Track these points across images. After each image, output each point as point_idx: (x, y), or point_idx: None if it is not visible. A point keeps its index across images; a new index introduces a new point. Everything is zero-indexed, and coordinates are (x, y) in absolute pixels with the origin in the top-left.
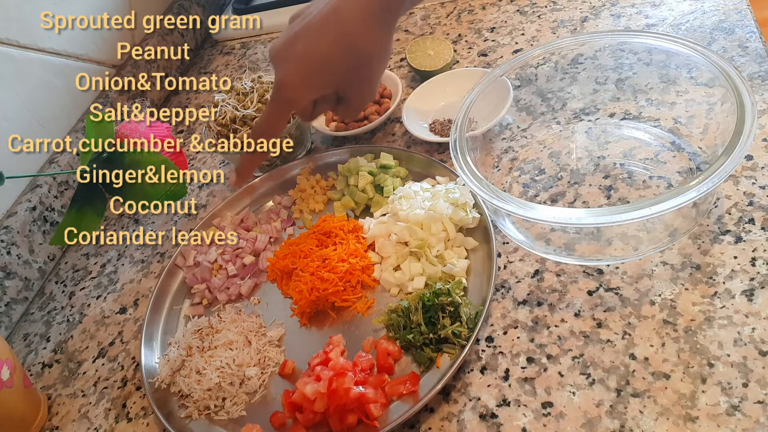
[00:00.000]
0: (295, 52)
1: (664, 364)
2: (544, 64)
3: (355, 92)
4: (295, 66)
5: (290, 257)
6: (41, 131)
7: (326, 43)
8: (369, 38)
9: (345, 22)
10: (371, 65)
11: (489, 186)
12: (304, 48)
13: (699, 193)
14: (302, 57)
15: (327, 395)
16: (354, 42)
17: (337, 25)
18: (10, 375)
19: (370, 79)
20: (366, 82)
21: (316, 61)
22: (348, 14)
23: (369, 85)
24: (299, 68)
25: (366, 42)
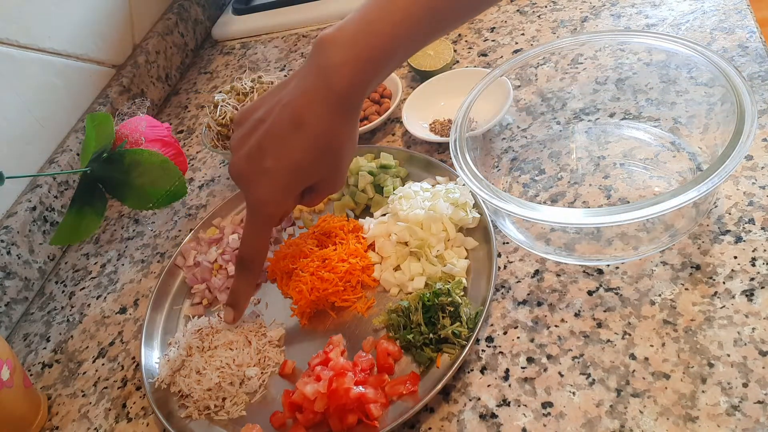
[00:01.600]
0: (265, 169)
1: (664, 364)
2: (544, 64)
3: (328, 185)
4: (268, 182)
5: (290, 257)
6: (41, 131)
7: (297, 150)
8: (338, 133)
9: (311, 125)
10: (343, 158)
11: (489, 186)
12: (275, 161)
13: (699, 193)
14: (274, 171)
15: (327, 395)
16: (325, 142)
17: (304, 128)
18: (10, 375)
19: (340, 170)
20: (338, 173)
21: (290, 170)
22: (312, 114)
23: (341, 176)
24: (274, 183)
25: (336, 138)
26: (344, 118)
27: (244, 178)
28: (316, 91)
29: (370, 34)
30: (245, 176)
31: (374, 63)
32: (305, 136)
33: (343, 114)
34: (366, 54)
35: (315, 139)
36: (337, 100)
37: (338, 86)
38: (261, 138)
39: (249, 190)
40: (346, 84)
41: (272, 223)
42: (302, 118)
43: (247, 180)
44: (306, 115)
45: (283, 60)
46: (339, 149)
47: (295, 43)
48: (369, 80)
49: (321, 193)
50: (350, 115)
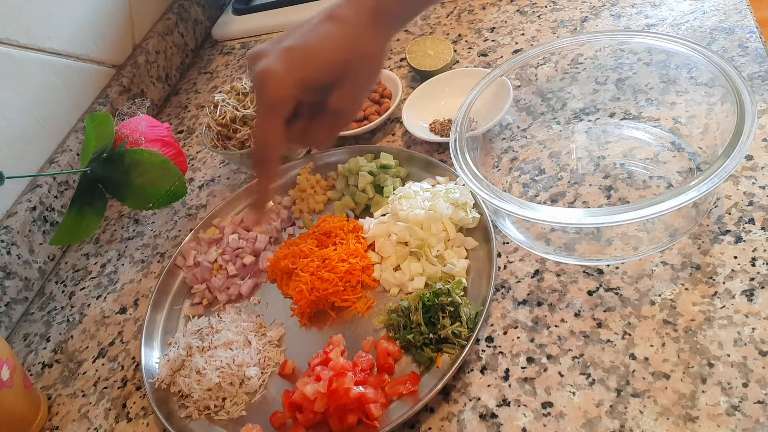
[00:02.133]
0: (279, 48)
1: (664, 364)
2: (544, 64)
3: (342, 95)
4: (279, 56)
5: (290, 257)
6: (41, 131)
7: (322, 35)
8: (367, 38)
9: (343, 20)
10: (365, 67)
11: (489, 186)
12: (295, 40)
13: (699, 193)
14: (290, 47)
15: (327, 395)
16: (353, 39)
17: (335, 21)
18: (10, 375)
19: (359, 79)
20: (355, 81)
21: (307, 50)
22: (347, 13)
23: (357, 87)
24: (282, 58)
25: (364, 41)
26: (377, 28)
27: (257, 55)
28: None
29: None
30: (259, 53)
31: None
32: (335, 27)
33: (376, 23)
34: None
35: (345, 31)
36: (373, 8)
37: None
38: (290, 30)
39: (256, 65)
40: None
41: (275, 104)
42: (338, 13)
43: (259, 56)
44: (343, 11)
45: None
46: (364, 54)
47: None
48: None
49: (333, 111)
50: (383, 27)
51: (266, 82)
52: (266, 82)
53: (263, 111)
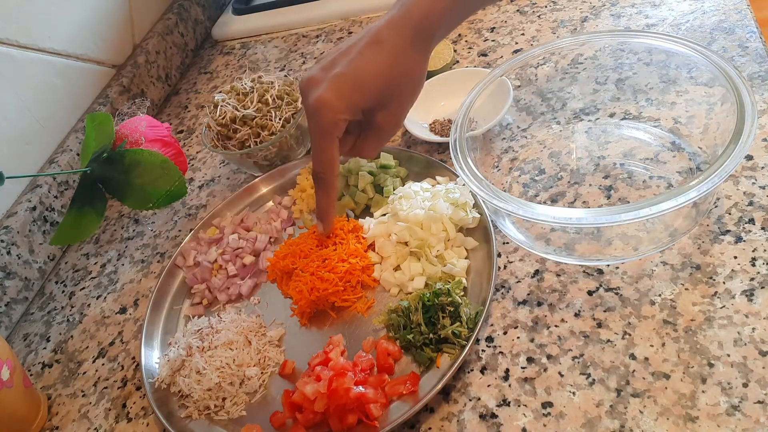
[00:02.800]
0: (332, 75)
1: (664, 364)
2: (544, 64)
3: (387, 115)
4: (330, 85)
5: (290, 257)
6: (41, 131)
7: (369, 61)
8: (410, 60)
9: (388, 44)
10: (407, 85)
11: (489, 186)
12: (344, 68)
13: (699, 193)
14: (340, 75)
15: (327, 395)
16: (398, 62)
17: (380, 45)
18: (10, 375)
19: (400, 102)
20: (400, 101)
21: (355, 77)
22: (391, 36)
23: (401, 107)
24: (336, 86)
25: (408, 63)
26: (418, 48)
27: (310, 84)
28: (397, 19)
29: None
30: (311, 82)
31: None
32: (380, 51)
33: (417, 42)
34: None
35: (388, 56)
36: (414, 27)
37: (416, 14)
38: (338, 55)
39: (310, 94)
40: (425, 11)
41: (329, 129)
42: (380, 37)
43: (312, 85)
44: (385, 35)
45: (283, 60)
46: (407, 76)
47: (295, 43)
48: (441, 15)
49: (378, 128)
50: (424, 47)
51: (320, 111)
52: (320, 110)
53: (319, 136)
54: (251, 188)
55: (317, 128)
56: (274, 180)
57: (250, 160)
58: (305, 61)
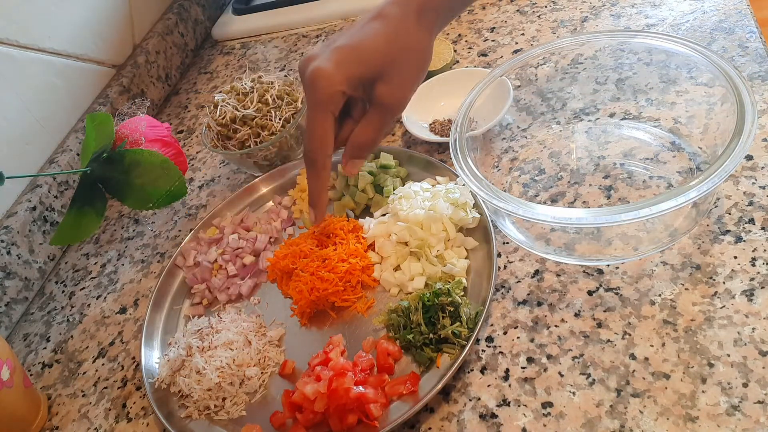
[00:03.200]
0: (328, 49)
1: (664, 364)
2: (544, 64)
3: (387, 87)
4: (328, 56)
5: (290, 257)
6: (41, 131)
7: (369, 33)
8: (414, 34)
9: (390, 18)
10: (409, 59)
11: (489, 186)
12: (344, 40)
13: (699, 193)
14: (338, 47)
15: (327, 395)
16: (400, 35)
17: (382, 19)
18: (10, 375)
19: (402, 75)
20: (398, 76)
21: (355, 47)
22: (394, 11)
23: (400, 81)
24: (332, 57)
25: (411, 38)
26: (422, 24)
27: (308, 59)
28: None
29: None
30: (310, 58)
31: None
32: (381, 25)
33: (422, 18)
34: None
35: (391, 29)
36: (417, 5)
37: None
38: (338, 33)
39: (307, 68)
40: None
41: (326, 101)
42: (384, 12)
43: (310, 60)
44: (388, 10)
45: (283, 60)
46: (409, 47)
47: (295, 43)
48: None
49: (379, 102)
50: (428, 24)
51: (316, 81)
52: (316, 80)
53: (314, 108)
54: (251, 188)
55: (313, 100)
56: (274, 180)
57: (250, 160)
58: None
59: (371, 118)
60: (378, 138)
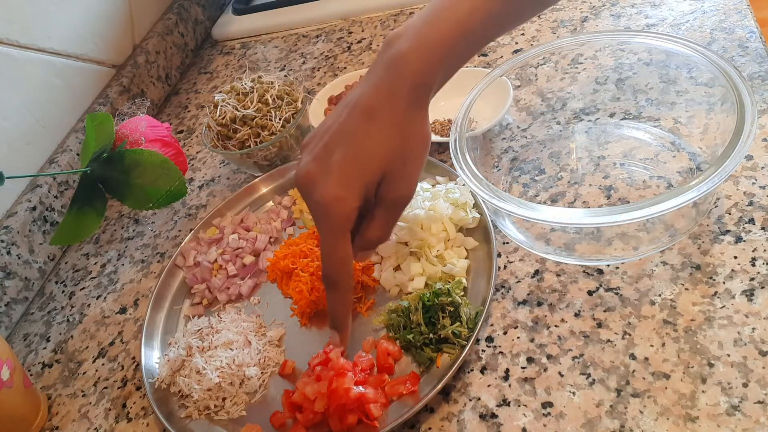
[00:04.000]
0: (331, 166)
1: (664, 364)
2: (544, 64)
3: (395, 184)
4: (332, 178)
5: (290, 257)
6: (41, 131)
7: (366, 139)
8: (410, 122)
9: (382, 114)
10: (414, 148)
11: (489, 186)
12: (342, 154)
13: (699, 193)
14: (340, 164)
15: (327, 395)
16: (397, 129)
17: (375, 118)
18: (10, 375)
19: (410, 164)
20: (406, 166)
21: (357, 159)
22: (383, 104)
23: (410, 171)
24: (338, 177)
25: (408, 127)
26: (415, 107)
27: (308, 181)
28: (387, 82)
29: (437, 23)
30: (309, 178)
31: (442, 48)
32: (376, 126)
33: (414, 102)
34: (433, 39)
35: (387, 127)
36: (408, 88)
37: (408, 72)
38: (329, 139)
39: (312, 193)
40: (416, 69)
41: (342, 226)
42: (372, 109)
43: (311, 181)
44: (376, 105)
45: (283, 60)
46: (411, 139)
47: (295, 43)
48: (437, 67)
49: (390, 201)
50: (421, 104)
51: (330, 207)
52: (330, 207)
53: (331, 234)
54: (251, 188)
55: (329, 227)
56: (274, 180)
57: (250, 160)
58: (305, 61)
59: (381, 216)
60: (388, 233)
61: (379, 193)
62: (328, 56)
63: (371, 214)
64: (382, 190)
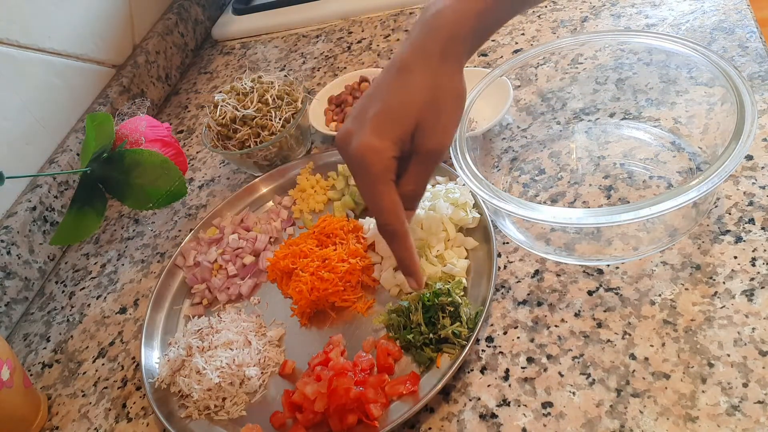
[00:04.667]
0: (366, 120)
1: (664, 364)
2: (544, 64)
3: (428, 133)
4: (366, 130)
5: (290, 257)
6: (41, 131)
7: (394, 94)
8: (444, 76)
9: (417, 68)
10: (446, 102)
11: (489, 186)
12: (377, 107)
13: (699, 193)
14: (374, 116)
15: (327, 395)
16: (425, 83)
17: (409, 72)
18: (10, 375)
19: (442, 119)
20: (437, 120)
21: (388, 112)
22: (419, 59)
23: (443, 126)
24: (372, 127)
25: (442, 80)
26: (449, 60)
27: (346, 136)
28: (422, 38)
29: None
30: (347, 134)
31: (478, 3)
32: (410, 78)
33: (448, 55)
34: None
35: (420, 79)
36: (442, 41)
37: (442, 25)
38: (366, 100)
39: (348, 148)
40: (450, 21)
41: (380, 175)
42: (407, 63)
43: (348, 136)
44: (411, 60)
45: (283, 60)
46: (446, 92)
47: (295, 43)
48: (472, 21)
49: (424, 152)
50: (455, 58)
51: (365, 157)
52: (365, 156)
53: (374, 184)
54: (251, 188)
55: (368, 178)
56: (274, 180)
57: (250, 160)
58: (305, 61)
59: (415, 169)
60: (423, 187)
61: (414, 144)
62: (328, 56)
63: (408, 166)
64: (416, 140)
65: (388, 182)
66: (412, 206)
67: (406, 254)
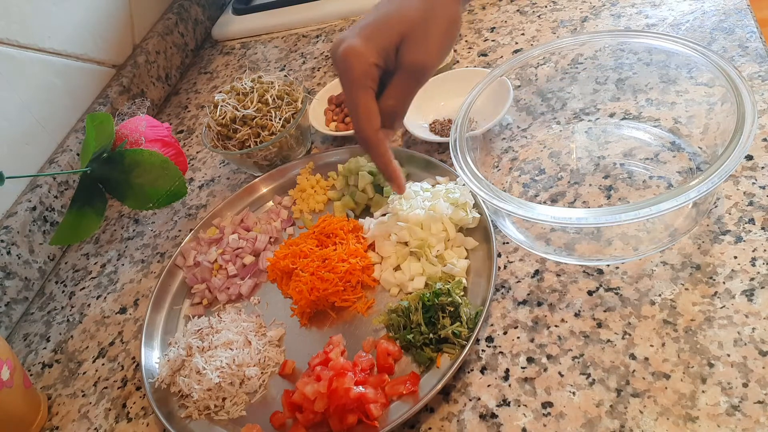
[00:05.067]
0: (356, 28)
1: (664, 364)
2: (544, 64)
3: (415, 48)
4: (354, 36)
5: (290, 257)
6: (41, 131)
7: (390, 6)
8: (436, 0)
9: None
10: (436, 20)
11: (489, 186)
12: (367, 20)
13: (699, 193)
14: (363, 26)
15: (327, 395)
16: (420, 1)
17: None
18: (10, 375)
19: (429, 34)
20: (425, 35)
21: (378, 21)
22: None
23: (428, 40)
24: (361, 34)
25: (433, 2)
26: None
27: (338, 42)
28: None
29: None
30: (339, 41)
31: None
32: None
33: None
34: None
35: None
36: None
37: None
38: (365, 15)
39: (336, 52)
40: None
41: (359, 79)
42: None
43: (339, 42)
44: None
45: (283, 60)
46: (437, 14)
47: (295, 43)
48: None
49: (407, 65)
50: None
51: (347, 59)
52: (347, 58)
53: (351, 87)
54: (251, 188)
55: (349, 79)
56: (274, 180)
57: (250, 160)
58: (305, 61)
59: (396, 83)
60: (404, 105)
61: (398, 57)
62: (328, 56)
63: (390, 82)
64: (400, 52)
65: (366, 88)
66: (391, 125)
67: (381, 160)
